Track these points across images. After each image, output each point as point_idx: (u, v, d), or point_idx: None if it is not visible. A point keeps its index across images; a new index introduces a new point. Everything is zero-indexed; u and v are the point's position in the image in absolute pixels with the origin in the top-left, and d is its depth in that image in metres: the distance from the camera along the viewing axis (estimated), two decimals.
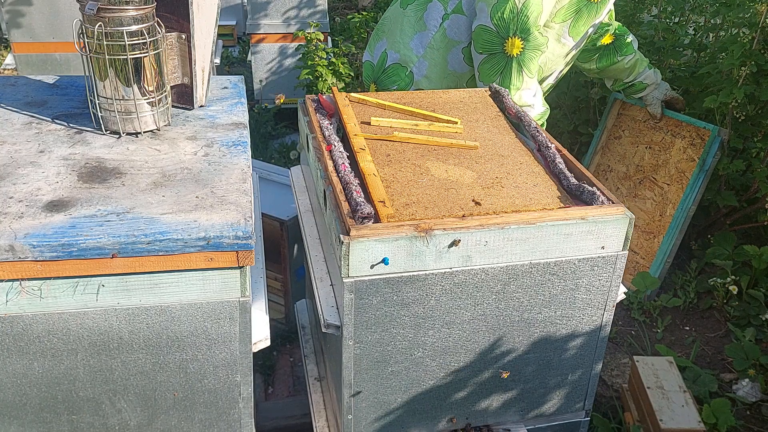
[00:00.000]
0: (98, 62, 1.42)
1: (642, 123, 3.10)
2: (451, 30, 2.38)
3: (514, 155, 1.65)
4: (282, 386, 2.52)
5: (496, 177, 1.54)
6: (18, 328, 1.21)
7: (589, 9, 2.36)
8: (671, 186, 2.96)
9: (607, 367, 2.55)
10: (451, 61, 2.42)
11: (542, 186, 1.52)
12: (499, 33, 2.23)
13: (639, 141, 3.11)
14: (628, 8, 3.28)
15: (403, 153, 1.62)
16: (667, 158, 2.98)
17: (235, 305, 1.27)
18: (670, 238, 2.88)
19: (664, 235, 2.92)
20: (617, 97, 3.17)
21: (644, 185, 3.08)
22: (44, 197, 1.25)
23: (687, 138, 2.91)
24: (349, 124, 1.68)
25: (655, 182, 3.03)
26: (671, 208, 2.93)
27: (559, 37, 2.38)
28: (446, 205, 1.42)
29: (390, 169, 1.54)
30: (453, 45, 2.39)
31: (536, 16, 2.22)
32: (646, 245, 3.01)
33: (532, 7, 2.20)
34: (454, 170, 1.56)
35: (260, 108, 4.29)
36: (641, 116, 3.10)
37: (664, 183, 2.99)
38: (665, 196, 2.98)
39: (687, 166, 2.90)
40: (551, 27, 2.35)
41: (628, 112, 3.17)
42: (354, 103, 1.83)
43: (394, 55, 2.48)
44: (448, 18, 2.37)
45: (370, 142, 1.64)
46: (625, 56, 2.69)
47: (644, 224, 3.04)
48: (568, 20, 2.34)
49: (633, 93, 2.91)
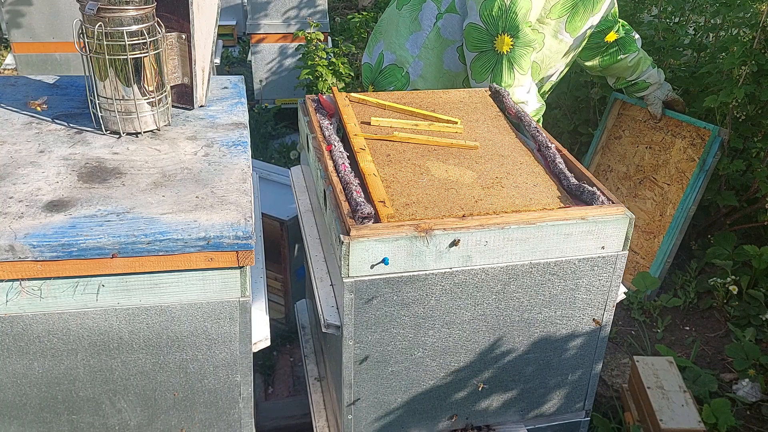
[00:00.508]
0: (98, 62, 1.42)
1: (642, 123, 3.09)
2: (445, 29, 2.38)
3: (514, 155, 1.65)
4: (282, 386, 2.52)
5: (496, 177, 1.54)
6: (18, 328, 1.21)
7: (585, 4, 2.35)
8: (671, 186, 2.96)
9: (607, 367, 2.55)
10: (446, 60, 2.42)
11: (542, 186, 1.52)
12: (488, 30, 2.23)
13: (639, 141, 3.11)
14: (628, 8, 3.28)
15: (403, 153, 1.62)
16: (668, 158, 2.98)
17: (235, 305, 1.27)
18: (670, 238, 2.88)
19: (664, 235, 2.92)
20: (617, 97, 3.17)
21: (644, 185, 3.08)
22: (44, 197, 1.25)
23: (687, 138, 2.91)
24: (349, 124, 1.68)
25: (655, 182, 3.03)
26: (671, 208, 2.93)
27: (555, 33, 2.38)
28: (446, 205, 1.42)
29: (390, 169, 1.54)
30: (447, 44, 2.39)
31: (525, 12, 2.21)
32: (647, 245, 3.01)
33: (521, 4, 2.20)
34: (454, 170, 1.56)
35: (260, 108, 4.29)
36: (641, 116, 3.10)
37: (664, 183, 2.99)
38: (665, 196, 2.98)
39: (687, 166, 2.90)
40: (547, 23, 2.35)
41: (629, 112, 3.17)
42: (354, 103, 1.83)
43: (390, 56, 2.48)
44: (442, 17, 2.37)
45: (370, 142, 1.64)
46: (628, 54, 2.69)
47: (644, 224, 3.04)
48: (564, 16, 2.34)
49: (635, 92, 2.91)
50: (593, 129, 3.43)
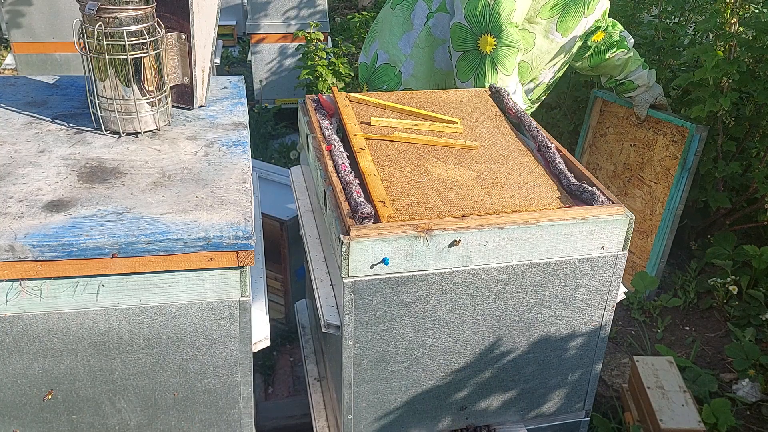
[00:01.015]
0: (98, 62, 1.42)
1: (625, 120, 3.09)
2: (436, 28, 2.37)
3: (514, 155, 1.65)
4: (282, 386, 2.52)
5: (496, 177, 1.54)
6: (18, 328, 1.21)
7: (576, 5, 2.33)
8: (658, 184, 2.95)
9: (607, 367, 2.55)
10: (437, 59, 2.41)
11: (542, 186, 1.52)
12: (472, 30, 2.21)
13: (623, 138, 3.10)
14: (628, 8, 3.27)
15: (403, 153, 1.62)
16: (652, 156, 2.97)
17: (235, 305, 1.27)
18: (661, 239, 2.88)
19: (655, 234, 2.92)
20: (597, 95, 3.16)
21: (633, 183, 3.08)
22: (44, 197, 1.25)
23: (668, 135, 2.90)
24: (349, 124, 1.68)
25: (642, 180, 3.03)
26: (660, 206, 2.93)
27: (546, 33, 2.36)
28: (446, 205, 1.42)
29: (390, 169, 1.54)
30: (438, 43, 2.39)
31: (509, 12, 2.19)
32: (641, 244, 3.02)
33: (504, 4, 2.17)
34: (454, 170, 1.56)
35: (260, 108, 4.29)
36: (623, 113, 3.08)
37: (651, 181, 2.99)
38: (653, 194, 2.98)
39: (671, 163, 2.89)
40: (538, 23, 2.34)
41: (611, 109, 3.15)
42: (354, 103, 1.83)
43: (384, 55, 2.48)
44: (433, 17, 2.36)
45: (370, 142, 1.64)
46: (617, 53, 2.66)
47: (636, 223, 3.04)
48: (555, 16, 2.33)
49: (623, 91, 2.88)
50: None
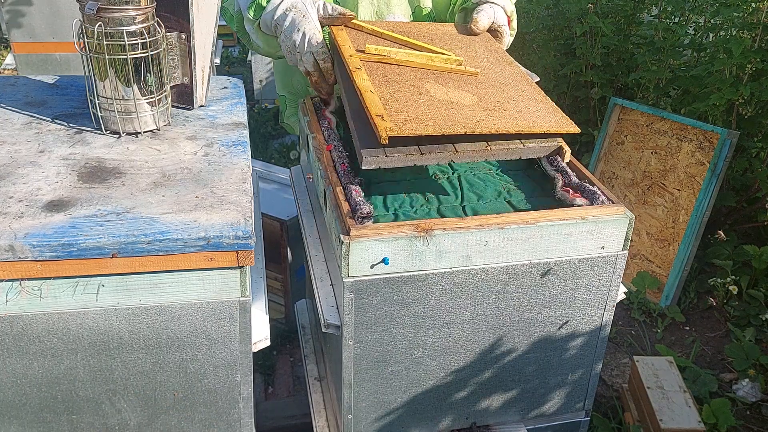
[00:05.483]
0: (98, 62, 1.42)
1: (645, 128, 3.06)
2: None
3: (515, 83, 1.58)
4: (282, 386, 2.52)
5: (498, 101, 1.48)
6: (18, 328, 1.21)
7: None
8: (682, 191, 2.91)
9: (607, 367, 2.55)
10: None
11: (544, 111, 1.47)
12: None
13: (643, 146, 3.07)
14: (628, 8, 3.27)
15: (401, 75, 1.54)
16: (675, 163, 2.94)
17: (235, 305, 1.27)
18: (687, 246, 2.82)
19: (679, 243, 2.86)
20: (617, 102, 3.15)
21: (653, 191, 3.04)
22: (44, 197, 1.25)
23: (694, 141, 2.87)
24: (343, 47, 1.59)
25: (664, 188, 2.99)
26: (684, 214, 2.88)
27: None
28: (447, 122, 1.35)
29: (388, 89, 1.45)
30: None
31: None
32: (661, 253, 2.96)
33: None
34: (455, 93, 1.48)
35: (260, 108, 4.29)
36: (644, 120, 3.07)
37: (674, 189, 2.94)
38: (676, 202, 2.93)
39: (697, 170, 2.85)
40: None
41: (630, 117, 3.14)
42: (349, 29, 1.72)
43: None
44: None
45: (367, 63, 1.56)
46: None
47: (657, 232, 2.98)
48: None
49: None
50: (593, 129, 3.43)
